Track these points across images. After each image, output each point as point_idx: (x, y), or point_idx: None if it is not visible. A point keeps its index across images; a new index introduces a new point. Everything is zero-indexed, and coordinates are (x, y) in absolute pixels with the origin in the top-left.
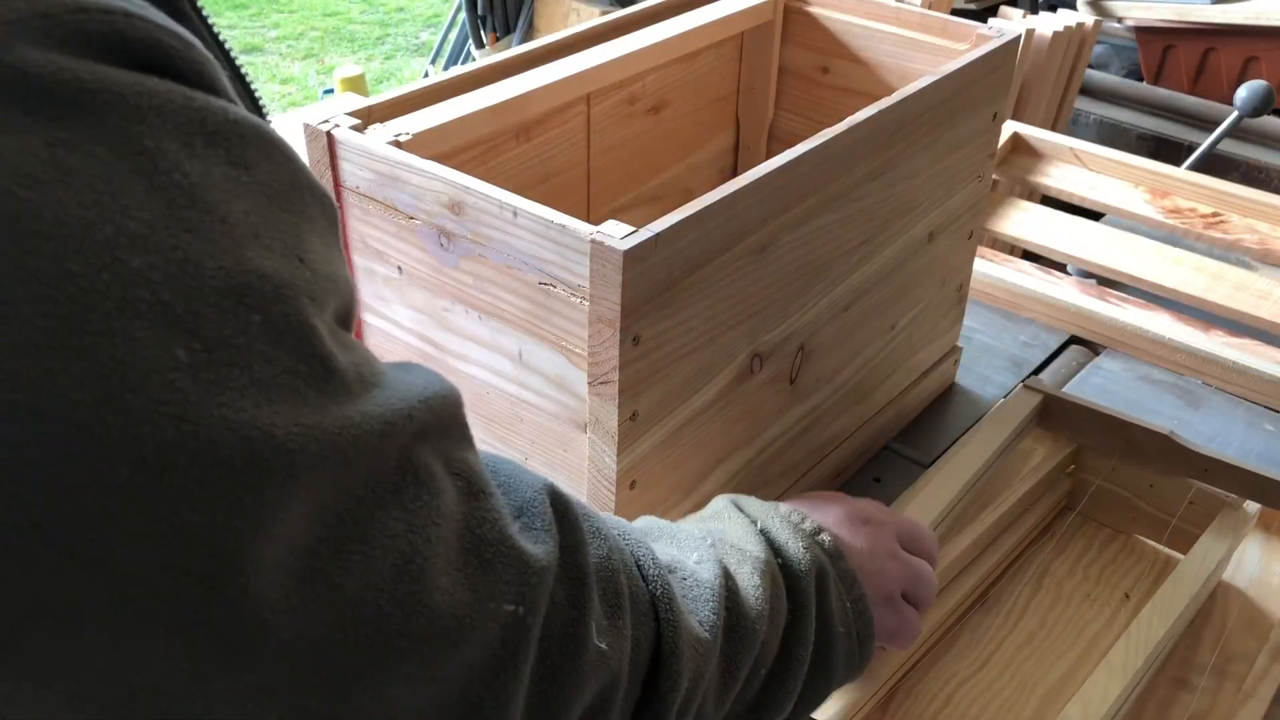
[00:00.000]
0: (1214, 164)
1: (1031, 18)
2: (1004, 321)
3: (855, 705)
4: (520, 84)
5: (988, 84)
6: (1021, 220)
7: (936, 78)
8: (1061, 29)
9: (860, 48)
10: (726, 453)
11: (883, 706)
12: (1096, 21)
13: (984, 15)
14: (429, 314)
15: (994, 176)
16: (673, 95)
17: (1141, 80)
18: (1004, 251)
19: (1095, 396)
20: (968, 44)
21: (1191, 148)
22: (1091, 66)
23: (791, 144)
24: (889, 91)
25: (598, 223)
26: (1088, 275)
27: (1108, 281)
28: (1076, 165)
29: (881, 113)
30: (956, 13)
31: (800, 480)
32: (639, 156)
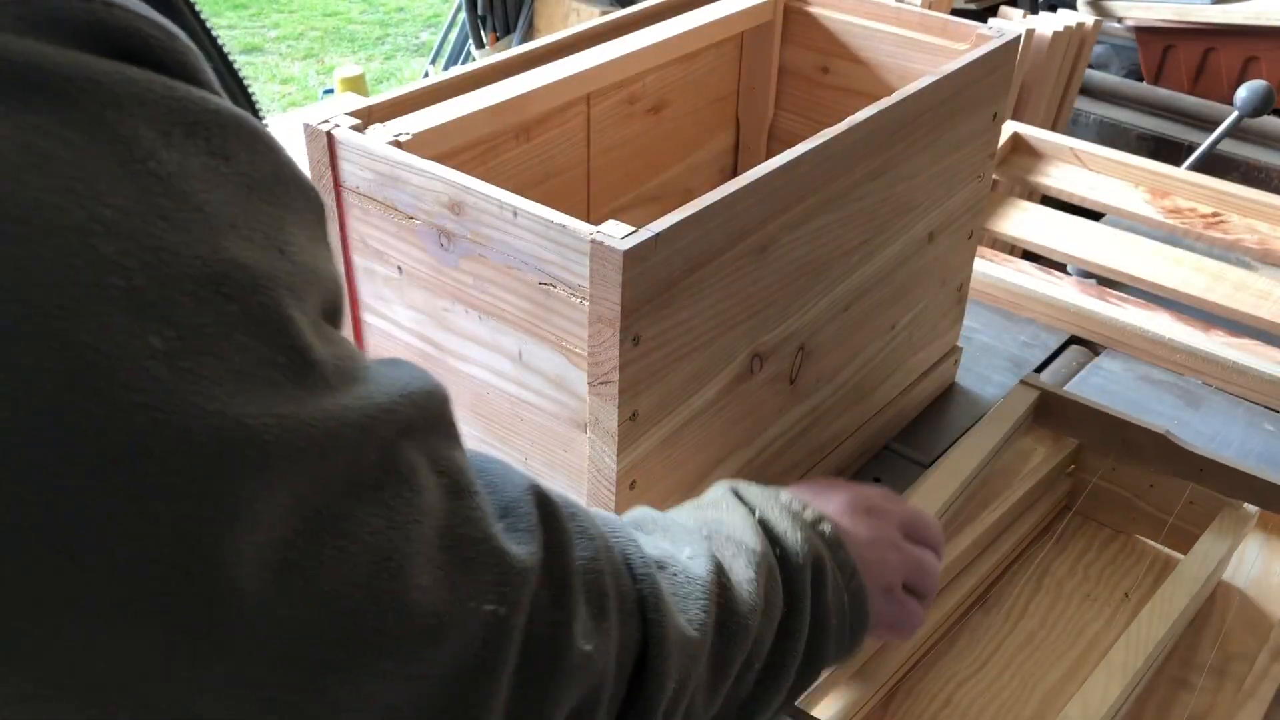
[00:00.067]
0: (1214, 164)
1: (1031, 18)
2: (1004, 321)
3: (855, 705)
4: (520, 84)
5: (988, 84)
6: (1021, 220)
7: (936, 78)
8: (1061, 29)
9: (860, 48)
10: (726, 453)
11: (883, 706)
12: (1096, 21)
13: (984, 15)
14: (429, 314)
15: (994, 176)
16: (673, 95)
17: (1141, 80)
18: (1004, 251)
19: (1095, 396)
20: (968, 44)
21: (1191, 148)
22: (1091, 66)
23: (791, 144)
24: (889, 91)
25: (598, 223)
26: (1088, 275)
27: (1108, 281)
28: (1076, 165)
29: (881, 113)
30: (956, 13)
31: (800, 480)
32: (639, 156)
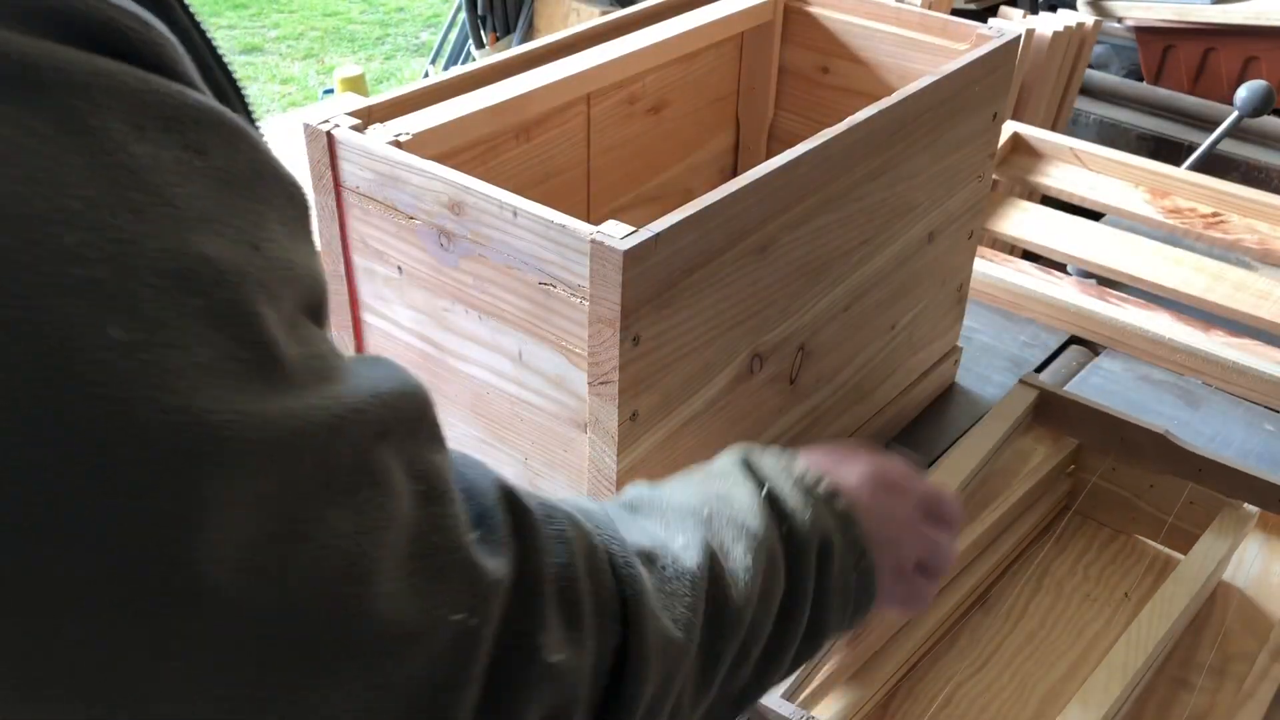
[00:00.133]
0: (1214, 164)
1: (1031, 18)
2: (1004, 321)
3: (855, 705)
4: (520, 84)
5: (988, 84)
6: (1021, 220)
7: (936, 78)
8: (1061, 29)
9: (860, 48)
10: None
11: (883, 706)
12: (1096, 21)
13: (984, 15)
14: (429, 314)
15: (994, 176)
16: (673, 95)
17: (1141, 80)
18: (1004, 251)
19: (1095, 396)
20: (968, 44)
21: (1191, 148)
22: (1091, 66)
23: (791, 144)
24: (889, 91)
25: (598, 223)
26: (1088, 275)
27: (1108, 281)
28: (1076, 165)
29: (881, 113)
30: (956, 13)
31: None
32: (639, 156)
